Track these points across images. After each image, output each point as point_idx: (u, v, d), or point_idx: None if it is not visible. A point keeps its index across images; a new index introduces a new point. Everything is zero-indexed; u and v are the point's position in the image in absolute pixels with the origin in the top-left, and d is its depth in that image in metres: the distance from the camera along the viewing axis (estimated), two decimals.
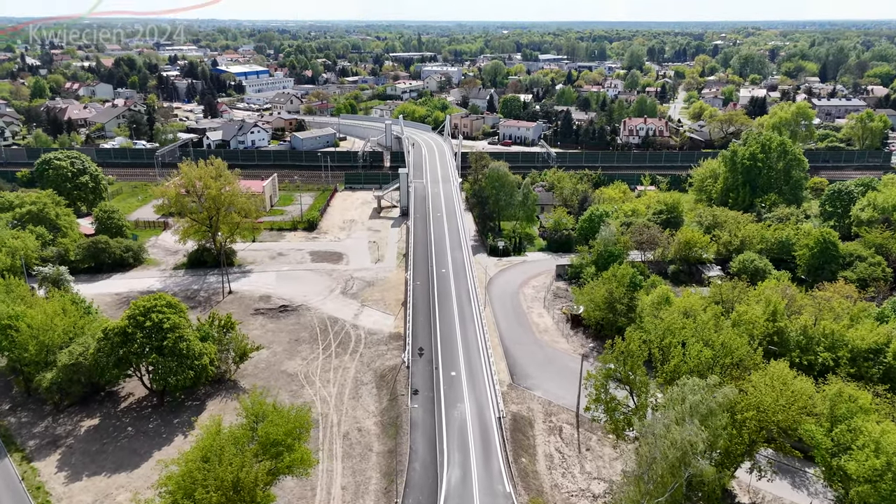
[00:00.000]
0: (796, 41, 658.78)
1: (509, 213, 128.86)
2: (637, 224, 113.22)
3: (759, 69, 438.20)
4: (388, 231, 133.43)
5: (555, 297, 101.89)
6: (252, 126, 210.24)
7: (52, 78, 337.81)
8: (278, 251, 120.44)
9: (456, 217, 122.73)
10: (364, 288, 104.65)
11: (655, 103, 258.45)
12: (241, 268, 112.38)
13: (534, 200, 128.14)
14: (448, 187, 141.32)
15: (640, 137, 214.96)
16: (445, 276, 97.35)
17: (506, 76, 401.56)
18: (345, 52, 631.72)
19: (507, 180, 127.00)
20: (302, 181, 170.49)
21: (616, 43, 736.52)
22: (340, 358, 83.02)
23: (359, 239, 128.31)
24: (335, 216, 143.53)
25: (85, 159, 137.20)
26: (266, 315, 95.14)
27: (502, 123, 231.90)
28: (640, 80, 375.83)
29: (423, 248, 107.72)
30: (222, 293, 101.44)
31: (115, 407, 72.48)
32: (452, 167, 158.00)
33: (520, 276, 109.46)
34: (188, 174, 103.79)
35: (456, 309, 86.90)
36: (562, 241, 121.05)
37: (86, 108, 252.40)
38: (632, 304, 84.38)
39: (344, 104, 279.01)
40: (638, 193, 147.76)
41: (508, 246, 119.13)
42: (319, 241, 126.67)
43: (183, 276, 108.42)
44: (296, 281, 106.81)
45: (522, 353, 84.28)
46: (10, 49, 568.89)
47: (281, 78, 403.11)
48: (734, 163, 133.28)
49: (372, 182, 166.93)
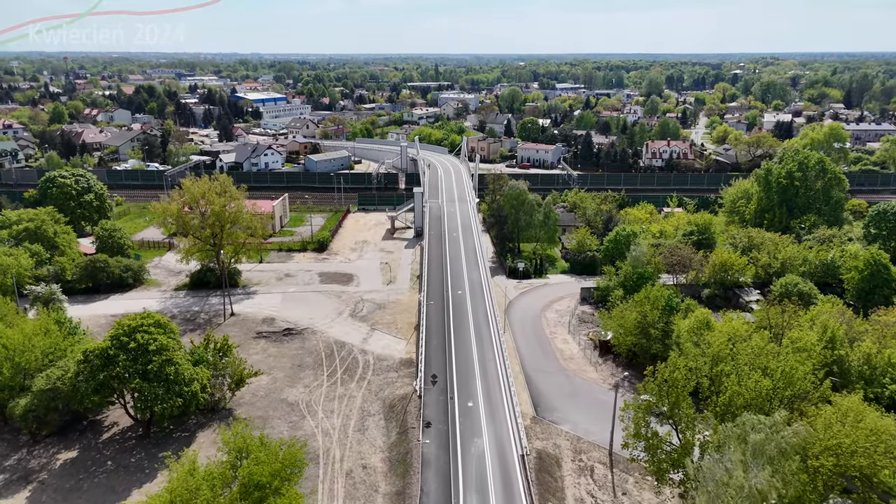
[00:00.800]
0: (816, 70, 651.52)
1: (529, 234, 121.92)
2: (668, 245, 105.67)
3: (782, 95, 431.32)
4: (402, 252, 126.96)
5: (580, 322, 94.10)
6: (266, 148, 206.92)
7: (72, 104, 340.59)
8: (286, 272, 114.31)
9: (473, 236, 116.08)
10: (374, 311, 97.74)
11: (678, 126, 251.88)
12: (246, 289, 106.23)
13: (555, 220, 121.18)
14: (465, 207, 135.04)
15: (663, 160, 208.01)
16: (461, 297, 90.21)
17: (523, 103, 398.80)
18: (363, 82, 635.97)
19: (527, 199, 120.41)
20: (314, 203, 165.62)
21: (633, 72, 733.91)
22: (346, 386, 75.75)
23: (370, 260, 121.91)
24: (347, 237, 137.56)
25: (90, 178, 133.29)
26: (268, 338, 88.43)
27: (520, 146, 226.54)
28: (660, 107, 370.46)
29: (437, 267, 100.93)
30: (224, 315, 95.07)
31: (96, 438, 65.68)
32: (469, 187, 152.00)
33: (541, 300, 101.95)
34: (191, 190, 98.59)
35: (473, 333, 79.54)
36: (586, 263, 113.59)
37: (101, 132, 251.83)
38: (667, 329, 76.44)
39: (360, 129, 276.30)
40: (665, 215, 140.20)
41: (529, 267, 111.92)
42: (329, 263, 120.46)
43: (184, 298, 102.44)
44: (302, 303, 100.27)
45: (547, 382, 76.41)
46: (35, 79, 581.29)
47: (298, 105, 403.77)
48: (769, 182, 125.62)
49: (386, 203, 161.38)
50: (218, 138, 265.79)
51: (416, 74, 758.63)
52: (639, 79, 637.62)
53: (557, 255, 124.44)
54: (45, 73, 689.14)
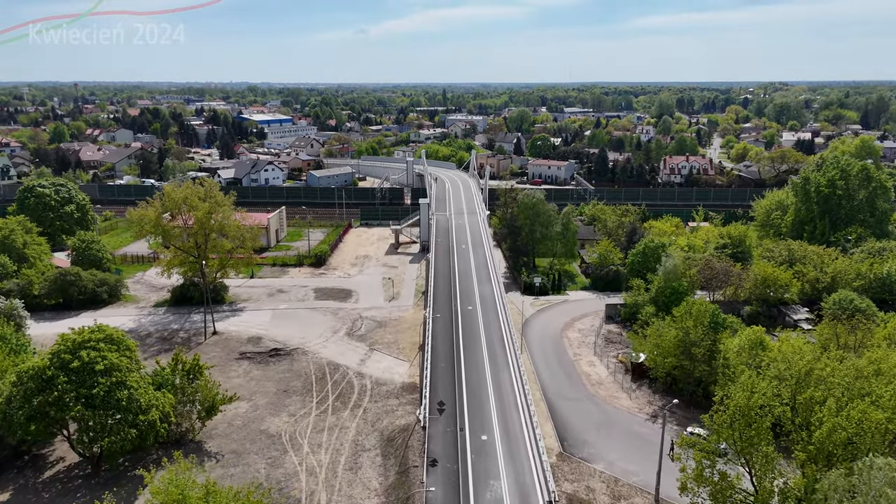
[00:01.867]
0: (827, 94, 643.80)
1: (545, 247, 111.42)
2: (702, 257, 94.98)
3: (797, 117, 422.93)
4: (406, 267, 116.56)
5: (607, 343, 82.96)
6: (266, 164, 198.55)
7: (74, 125, 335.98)
8: (278, 287, 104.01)
9: (484, 249, 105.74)
10: (374, 329, 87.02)
11: (696, 143, 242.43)
12: (233, 305, 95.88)
13: (574, 232, 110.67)
14: (474, 219, 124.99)
15: (682, 176, 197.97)
16: (472, 313, 79.50)
17: (532, 124, 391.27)
18: (370, 107, 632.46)
19: (543, 209, 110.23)
20: (315, 218, 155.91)
21: (642, 97, 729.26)
22: (338, 414, 64.78)
23: (372, 275, 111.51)
24: (347, 252, 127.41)
25: (72, 188, 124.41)
26: (253, 360, 77.75)
27: (532, 162, 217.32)
28: (673, 127, 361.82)
29: (445, 281, 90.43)
30: (205, 334, 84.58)
31: (36, 477, 54.82)
32: (479, 200, 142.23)
33: (562, 318, 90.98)
34: (172, 195, 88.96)
35: (486, 353, 68.69)
36: (609, 279, 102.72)
37: (100, 150, 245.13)
38: (713, 348, 65.37)
39: (365, 147, 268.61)
40: (691, 229, 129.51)
41: (546, 283, 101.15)
42: (327, 278, 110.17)
43: (163, 315, 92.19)
44: (294, 320, 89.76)
45: (573, 412, 65.19)
46: (43, 104, 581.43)
47: (304, 126, 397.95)
48: (807, 192, 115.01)
49: (390, 218, 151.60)
50: (219, 157, 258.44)
51: (423, 100, 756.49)
52: (647, 103, 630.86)
53: (576, 270, 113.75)
54: (54, 100, 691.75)
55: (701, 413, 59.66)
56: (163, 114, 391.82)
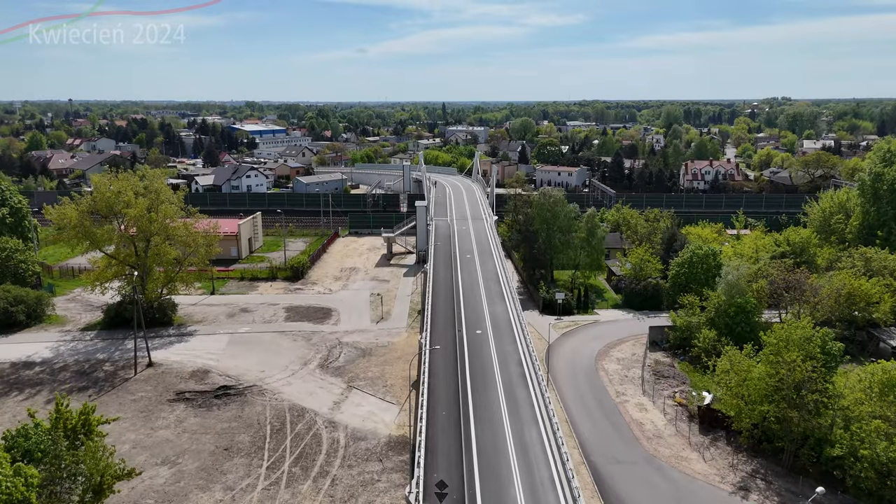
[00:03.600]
0: (833, 109, 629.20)
1: (566, 257, 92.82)
2: (771, 265, 76.61)
3: (810, 127, 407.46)
4: (399, 281, 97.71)
5: (656, 377, 64.04)
6: (248, 170, 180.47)
7: (55, 135, 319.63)
8: (242, 306, 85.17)
9: (493, 259, 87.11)
10: (355, 359, 68.12)
11: (717, 147, 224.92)
12: (182, 328, 77.03)
13: (601, 239, 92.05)
14: (480, 226, 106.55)
15: (706, 181, 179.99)
16: (481, 340, 60.73)
17: (535, 134, 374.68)
18: (368, 120, 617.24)
19: (564, 210, 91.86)
20: (298, 227, 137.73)
21: (645, 110, 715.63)
22: (295, 488, 45.68)
23: (357, 291, 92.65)
24: (331, 263, 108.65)
25: (10, 190, 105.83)
26: (192, 402, 58.76)
27: (540, 168, 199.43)
28: (683, 137, 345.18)
29: (447, 298, 71.75)
30: (135, 366, 65.62)
31: None
32: (485, 204, 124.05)
33: (594, 344, 72.10)
34: (101, 188, 70.71)
35: (503, 399, 49.79)
36: (646, 294, 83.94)
37: (73, 157, 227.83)
38: (825, 391, 46.58)
39: (361, 156, 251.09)
40: (734, 236, 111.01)
41: (570, 300, 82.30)
42: (303, 294, 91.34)
43: (90, 341, 73.32)
44: (255, 348, 70.90)
45: (628, 482, 46.13)
46: (32, 116, 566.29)
47: (298, 137, 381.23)
48: (876, 191, 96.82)
49: (383, 225, 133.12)
50: (203, 166, 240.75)
51: (423, 114, 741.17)
52: (651, 116, 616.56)
53: (604, 284, 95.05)
54: (48, 115, 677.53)
55: (813, 482, 41.42)
56: (151, 124, 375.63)
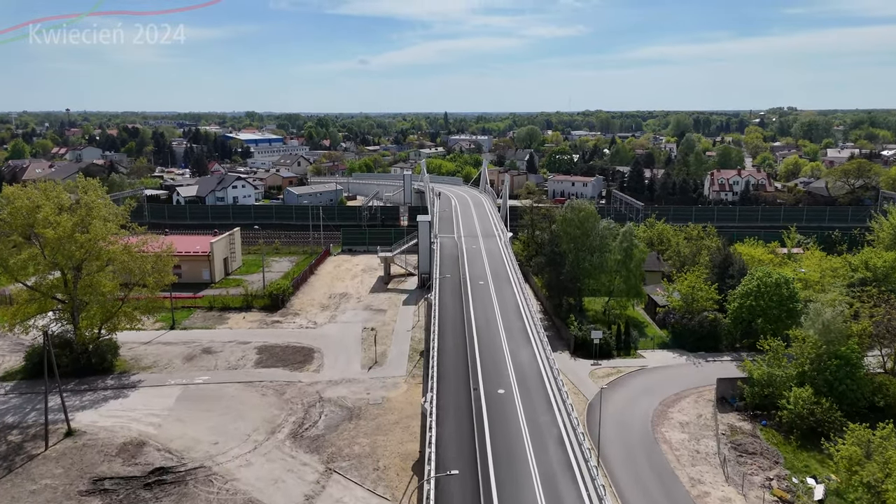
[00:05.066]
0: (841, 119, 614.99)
1: (597, 283, 77.30)
2: (843, 295, 61.14)
3: (826, 136, 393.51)
4: (398, 311, 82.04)
5: (738, 453, 48.24)
6: (234, 179, 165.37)
7: (40, 143, 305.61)
8: (206, 344, 69.59)
9: (511, 287, 71.54)
10: (340, 423, 52.44)
11: (742, 155, 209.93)
12: (124, 377, 61.47)
13: (640, 261, 76.40)
14: (493, 244, 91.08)
15: (734, 192, 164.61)
16: (506, 404, 45.07)
17: (542, 143, 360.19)
18: (369, 130, 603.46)
19: (595, 226, 76.42)
20: (285, 243, 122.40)
21: (651, 120, 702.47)
22: None
23: (347, 324, 77.00)
24: (318, 288, 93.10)
25: None
26: (111, 497, 43.08)
27: (552, 178, 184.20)
28: (697, 146, 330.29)
29: (456, 338, 56.14)
30: (46, 438, 49.93)
31: None
32: (496, 219, 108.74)
33: (646, 401, 56.37)
34: (17, 202, 55.51)
35: (542, 499, 34.00)
36: (702, 333, 68.16)
37: (51, 167, 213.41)
38: None
39: (359, 165, 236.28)
40: (788, 256, 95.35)
41: (609, 339, 66.64)
42: (282, 328, 75.78)
43: (3, 396, 57.77)
44: (212, 406, 55.29)
45: None
46: (26, 125, 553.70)
47: (295, 146, 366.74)
48: None
49: (380, 242, 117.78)
50: (191, 175, 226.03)
51: (424, 124, 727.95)
52: (658, 126, 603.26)
53: (643, 316, 79.41)
54: (45, 125, 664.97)
55: None
56: (143, 133, 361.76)
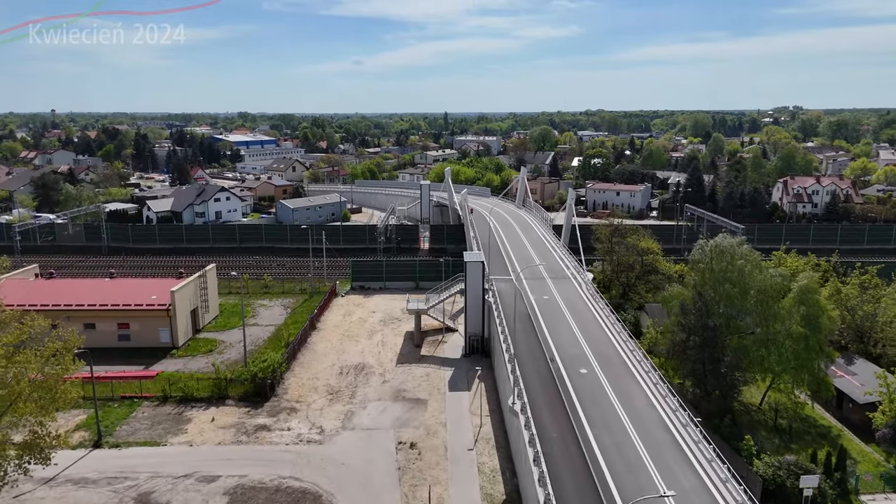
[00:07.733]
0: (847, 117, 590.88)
1: (757, 357, 50.21)
2: None
3: (856, 136, 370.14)
4: (444, 402, 54.52)
5: None
6: (216, 191, 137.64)
7: (8, 146, 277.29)
8: (145, 486, 42.14)
9: (635, 378, 44.33)
10: None
11: (812, 157, 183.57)
12: None
13: (829, 331, 49.38)
14: (571, 291, 63.84)
15: (814, 204, 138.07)
16: None
17: (554, 144, 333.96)
18: (367, 131, 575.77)
19: (756, 272, 49.36)
20: (277, 278, 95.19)
21: (658, 119, 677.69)
22: None
23: (371, 432, 49.55)
24: (324, 355, 65.58)
25: None
26: None
27: (592, 187, 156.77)
28: (727, 146, 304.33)
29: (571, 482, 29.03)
30: None
31: None
32: (559, 248, 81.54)
33: None
34: None
35: None
36: None
37: (9, 175, 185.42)
38: None
39: (361, 170, 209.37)
40: None
41: (825, 484, 39.53)
42: (270, 444, 48.34)
43: None
44: None
45: None
46: (4, 127, 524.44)
47: (290, 148, 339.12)
48: None
49: (401, 275, 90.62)
50: (171, 184, 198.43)
51: (423, 124, 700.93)
52: (665, 125, 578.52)
53: (819, 413, 52.37)
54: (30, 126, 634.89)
55: None
56: (123, 135, 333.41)
